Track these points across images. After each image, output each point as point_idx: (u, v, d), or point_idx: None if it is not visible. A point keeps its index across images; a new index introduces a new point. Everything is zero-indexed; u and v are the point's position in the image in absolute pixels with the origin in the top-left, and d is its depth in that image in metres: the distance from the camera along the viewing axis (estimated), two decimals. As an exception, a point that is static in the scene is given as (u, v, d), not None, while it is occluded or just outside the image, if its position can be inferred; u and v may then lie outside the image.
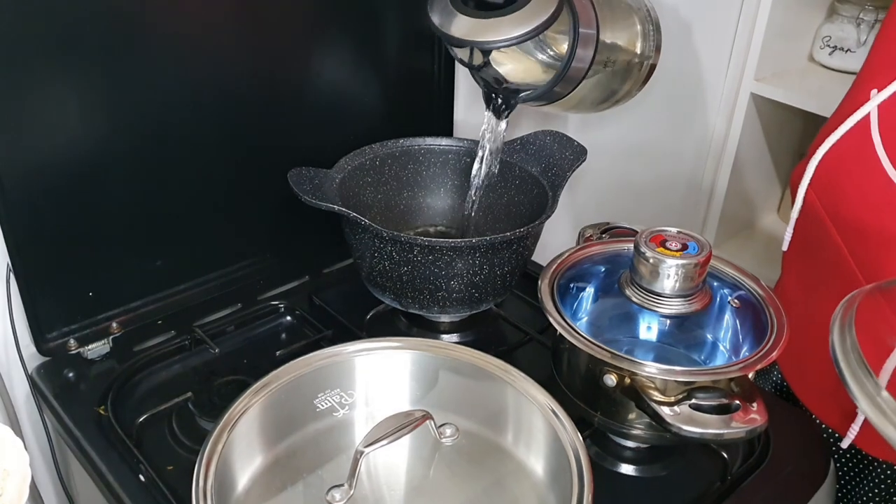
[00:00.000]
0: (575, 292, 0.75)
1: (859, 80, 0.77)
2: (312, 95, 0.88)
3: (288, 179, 0.79)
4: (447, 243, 0.75)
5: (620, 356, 0.64)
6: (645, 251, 0.66)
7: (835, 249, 0.75)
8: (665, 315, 0.69)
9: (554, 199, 0.82)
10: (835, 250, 0.75)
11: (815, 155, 0.76)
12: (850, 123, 0.73)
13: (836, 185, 0.75)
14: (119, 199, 0.77)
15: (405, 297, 0.80)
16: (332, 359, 0.63)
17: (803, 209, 0.78)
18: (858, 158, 0.73)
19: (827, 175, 0.76)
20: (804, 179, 0.77)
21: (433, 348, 0.66)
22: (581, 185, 1.29)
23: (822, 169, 0.76)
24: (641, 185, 1.43)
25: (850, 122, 0.73)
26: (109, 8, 0.69)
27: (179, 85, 0.77)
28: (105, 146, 0.74)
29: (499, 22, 0.71)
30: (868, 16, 1.40)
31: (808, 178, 0.76)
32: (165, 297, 0.83)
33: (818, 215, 0.77)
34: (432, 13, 0.75)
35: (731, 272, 0.73)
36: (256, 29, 0.80)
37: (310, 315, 0.86)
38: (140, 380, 0.78)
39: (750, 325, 0.70)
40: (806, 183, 0.77)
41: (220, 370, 0.78)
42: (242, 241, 0.88)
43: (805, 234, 0.81)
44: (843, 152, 0.74)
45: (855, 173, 0.73)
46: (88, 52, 0.70)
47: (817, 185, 0.77)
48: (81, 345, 0.78)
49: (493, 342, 0.84)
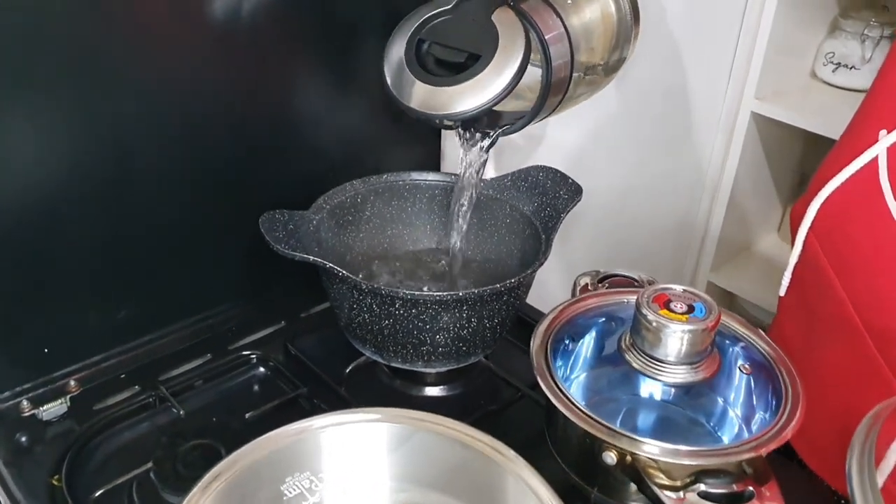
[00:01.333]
0: (571, 347, 0.70)
1: (864, 117, 0.72)
2: (287, 129, 0.82)
3: (259, 226, 0.73)
4: (431, 297, 0.70)
5: (619, 433, 0.58)
6: (647, 314, 0.61)
7: (837, 303, 0.69)
8: (669, 384, 0.63)
9: (547, 243, 0.77)
10: (837, 304, 0.69)
11: (816, 197, 0.70)
12: (855, 166, 0.67)
13: (840, 233, 0.69)
14: (77, 245, 0.71)
15: (387, 351, 0.74)
16: (300, 437, 0.57)
17: (803, 253, 0.73)
18: (864, 206, 0.67)
19: (829, 220, 0.70)
20: (804, 222, 0.72)
21: (415, 421, 0.60)
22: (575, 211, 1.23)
23: (825, 213, 0.70)
24: (637, 206, 1.38)
25: (855, 165, 0.67)
26: (66, 37, 0.63)
27: (143, 120, 0.71)
28: (61, 188, 0.69)
29: (461, 90, 0.66)
30: (873, 32, 1.35)
31: (808, 222, 0.71)
32: (129, 350, 0.77)
33: (819, 263, 0.71)
34: (388, 76, 0.70)
35: (739, 329, 0.68)
36: (227, 60, 0.74)
37: (285, 367, 0.80)
38: (100, 442, 0.72)
39: (762, 388, 0.65)
40: (806, 227, 0.71)
41: (185, 433, 0.72)
42: (212, 286, 0.82)
43: (804, 279, 0.75)
44: (848, 197, 0.68)
45: (861, 222, 0.67)
46: (43, 84, 0.64)
47: (819, 230, 0.71)
48: (35, 406, 0.72)
49: (481, 397, 0.79)
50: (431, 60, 0.69)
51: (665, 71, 1.26)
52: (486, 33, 0.67)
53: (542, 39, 0.68)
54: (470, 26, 0.67)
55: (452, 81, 0.67)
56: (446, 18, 0.69)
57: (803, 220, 0.71)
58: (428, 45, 0.69)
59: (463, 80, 0.66)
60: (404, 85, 0.69)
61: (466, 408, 0.76)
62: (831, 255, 0.71)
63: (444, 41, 0.69)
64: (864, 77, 1.38)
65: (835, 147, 0.74)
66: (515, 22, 0.67)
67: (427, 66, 0.69)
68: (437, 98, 0.68)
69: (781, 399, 0.62)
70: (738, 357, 0.67)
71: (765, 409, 0.64)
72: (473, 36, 0.67)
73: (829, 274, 0.70)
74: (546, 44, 0.68)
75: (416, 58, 0.69)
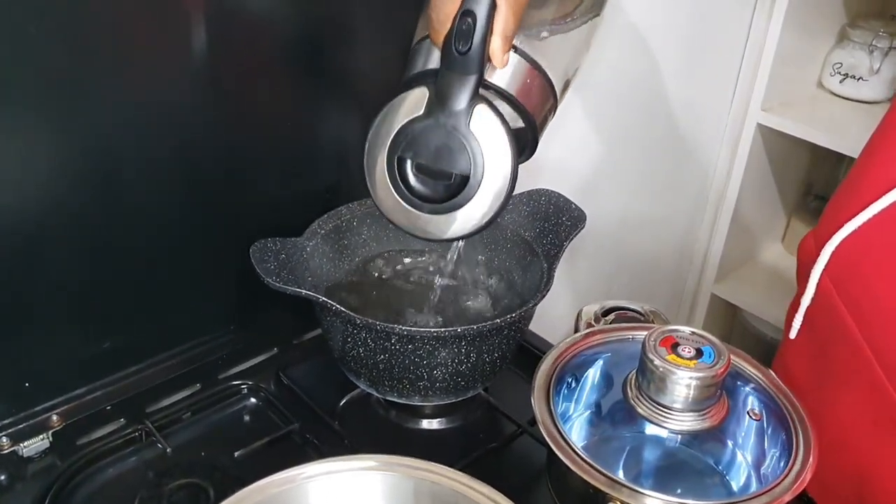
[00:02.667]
0: (574, 385, 0.67)
1: (881, 153, 0.67)
2: (281, 149, 0.79)
3: (250, 256, 0.70)
4: (428, 332, 0.67)
5: (621, 484, 0.55)
6: (653, 359, 0.58)
7: (854, 348, 0.66)
8: (674, 431, 0.60)
9: (549, 274, 0.74)
10: (854, 349, 0.66)
11: (831, 239, 0.67)
12: (874, 209, 0.64)
13: (858, 278, 0.66)
14: (59, 273, 0.68)
15: (382, 385, 0.72)
16: (286, 487, 0.55)
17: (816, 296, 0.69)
18: (885, 252, 0.64)
19: (846, 264, 0.67)
20: (818, 264, 0.68)
21: (411, 469, 0.57)
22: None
23: (840, 256, 0.67)
24: (641, 216, 1.35)
25: (874, 208, 0.64)
26: (48, 56, 0.60)
27: (128, 142, 0.68)
28: (42, 213, 0.65)
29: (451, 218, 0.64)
30: (882, 43, 1.32)
31: (822, 264, 0.67)
32: (115, 382, 0.74)
33: (834, 307, 0.68)
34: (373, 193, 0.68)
35: (747, 369, 0.65)
36: (217, 78, 0.71)
37: (276, 398, 0.77)
38: (83, 480, 0.69)
39: (772, 433, 0.62)
40: (820, 269, 0.68)
41: (173, 470, 0.69)
42: (202, 313, 0.79)
43: (816, 320, 0.72)
44: (867, 241, 0.65)
45: (885, 269, 0.64)
46: (25, 104, 0.61)
47: (834, 272, 0.68)
48: (16, 442, 0.69)
49: (480, 431, 0.76)
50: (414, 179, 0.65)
51: (670, 81, 1.23)
52: (467, 146, 0.62)
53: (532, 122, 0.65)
54: (450, 136, 0.62)
55: (442, 209, 0.64)
56: (424, 126, 0.63)
57: (817, 262, 0.68)
58: (411, 166, 0.64)
59: (453, 209, 0.64)
60: (392, 209, 0.67)
61: (465, 445, 0.73)
62: (847, 300, 0.68)
63: (426, 160, 0.64)
64: (872, 88, 1.35)
65: (850, 181, 0.70)
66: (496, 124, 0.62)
67: (411, 185, 0.65)
68: (428, 224, 0.65)
69: (793, 444, 0.60)
70: (746, 398, 0.64)
71: (775, 452, 0.61)
72: (455, 151, 0.62)
73: (846, 319, 0.67)
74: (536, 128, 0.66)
75: (400, 175, 0.65)
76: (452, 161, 0.62)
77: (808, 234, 0.73)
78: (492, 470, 0.66)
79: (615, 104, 1.17)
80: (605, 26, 1.06)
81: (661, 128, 1.28)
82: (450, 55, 0.61)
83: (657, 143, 1.30)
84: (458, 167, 0.63)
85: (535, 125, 0.66)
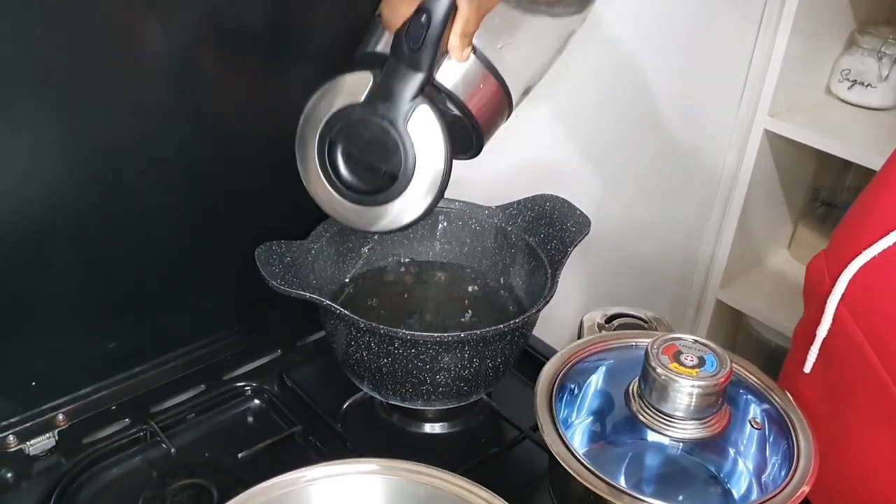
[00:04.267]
0: (577, 392, 0.67)
1: None
2: (287, 151, 0.79)
3: (256, 259, 0.70)
4: (432, 337, 0.67)
5: (622, 491, 0.55)
6: (656, 367, 0.58)
7: (875, 382, 0.65)
8: (676, 439, 0.60)
9: (554, 279, 0.74)
10: (875, 382, 0.65)
11: (848, 267, 0.65)
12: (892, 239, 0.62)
13: (878, 311, 0.64)
14: (65, 274, 0.68)
15: (385, 389, 0.72)
16: (288, 490, 0.55)
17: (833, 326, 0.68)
18: None
19: (866, 294, 0.65)
20: (834, 294, 0.66)
21: (412, 474, 0.58)
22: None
23: (858, 285, 0.65)
24: (646, 222, 1.35)
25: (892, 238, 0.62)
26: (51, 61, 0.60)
27: (132, 144, 0.68)
28: (47, 215, 0.66)
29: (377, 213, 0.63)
30: (891, 49, 1.31)
31: (839, 294, 0.65)
32: (120, 382, 0.75)
33: (852, 338, 0.66)
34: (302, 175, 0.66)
35: (749, 377, 0.65)
36: (220, 80, 0.71)
37: (280, 400, 0.77)
38: (88, 479, 0.70)
39: (773, 440, 0.62)
40: (836, 298, 0.66)
41: (176, 470, 0.70)
42: (207, 315, 0.79)
43: (831, 350, 0.70)
44: (891, 268, 0.63)
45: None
46: (26, 109, 0.61)
47: (851, 302, 0.66)
48: (22, 440, 0.70)
49: (482, 436, 0.76)
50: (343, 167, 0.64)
51: (677, 85, 1.23)
52: (400, 145, 0.60)
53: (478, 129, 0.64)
54: (385, 131, 0.60)
55: (367, 202, 0.63)
56: (361, 114, 0.60)
57: (833, 291, 0.66)
58: (342, 153, 0.63)
59: (375, 204, 0.62)
60: (320, 193, 0.65)
61: (467, 449, 0.73)
62: (867, 330, 0.66)
63: (357, 150, 0.62)
64: (880, 95, 1.35)
65: (864, 204, 0.69)
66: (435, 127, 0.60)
67: (339, 172, 0.64)
68: (350, 213, 0.64)
69: (794, 453, 0.60)
70: (748, 407, 0.64)
71: (776, 461, 0.61)
72: (388, 147, 0.60)
73: (865, 349, 0.66)
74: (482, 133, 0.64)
75: (329, 159, 0.63)
76: (383, 157, 0.60)
77: (819, 254, 0.71)
78: (493, 475, 0.66)
79: (621, 109, 1.17)
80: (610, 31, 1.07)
81: (667, 132, 1.28)
82: (399, 49, 0.59)
83: (663, 147, 1.30)
84: (388, 164, 0.61)
85: (481, 130, 0.64)
